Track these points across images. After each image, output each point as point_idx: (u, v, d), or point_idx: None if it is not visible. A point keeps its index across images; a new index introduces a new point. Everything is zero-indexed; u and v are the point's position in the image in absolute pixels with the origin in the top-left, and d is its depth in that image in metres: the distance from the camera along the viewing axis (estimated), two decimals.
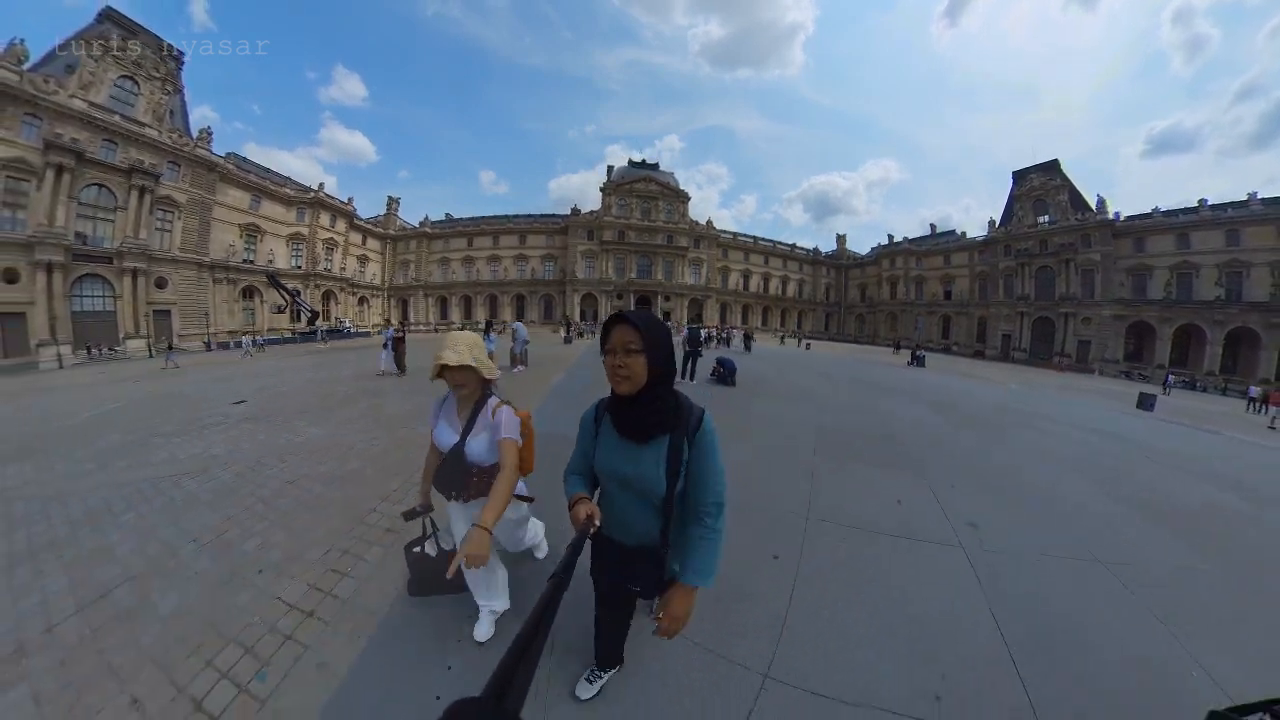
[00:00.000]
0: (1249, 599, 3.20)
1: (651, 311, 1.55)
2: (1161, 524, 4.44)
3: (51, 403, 11.01)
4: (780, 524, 3.81)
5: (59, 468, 5.34)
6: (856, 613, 2.75)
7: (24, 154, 25.66)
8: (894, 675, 2.28)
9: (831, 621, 2.66)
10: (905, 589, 3.00)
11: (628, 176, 56.47)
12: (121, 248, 29.18)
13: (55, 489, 4.62)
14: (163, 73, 33.10)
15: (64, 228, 26.88)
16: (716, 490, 1.52)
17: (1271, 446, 10.69)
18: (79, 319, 27.93)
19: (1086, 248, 42.73)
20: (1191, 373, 36.83)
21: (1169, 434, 10.46)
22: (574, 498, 1.53)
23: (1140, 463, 7.02)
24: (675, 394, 1.55)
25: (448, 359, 1.99)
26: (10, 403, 11.18)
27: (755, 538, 3.51)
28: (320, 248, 45.90)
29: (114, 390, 12.52)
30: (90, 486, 4.66)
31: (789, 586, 2.95)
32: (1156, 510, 4.82)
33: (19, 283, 25.87)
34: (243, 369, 17.12)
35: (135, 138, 30.39)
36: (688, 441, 1.51)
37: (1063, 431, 8.94)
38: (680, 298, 56.19)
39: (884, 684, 2.23)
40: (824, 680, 2.24)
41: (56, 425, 7.86)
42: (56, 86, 27.28)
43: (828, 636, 2.53)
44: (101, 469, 5.23)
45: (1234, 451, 9.26)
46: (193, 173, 33.79)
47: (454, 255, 57.59)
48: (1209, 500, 5.40)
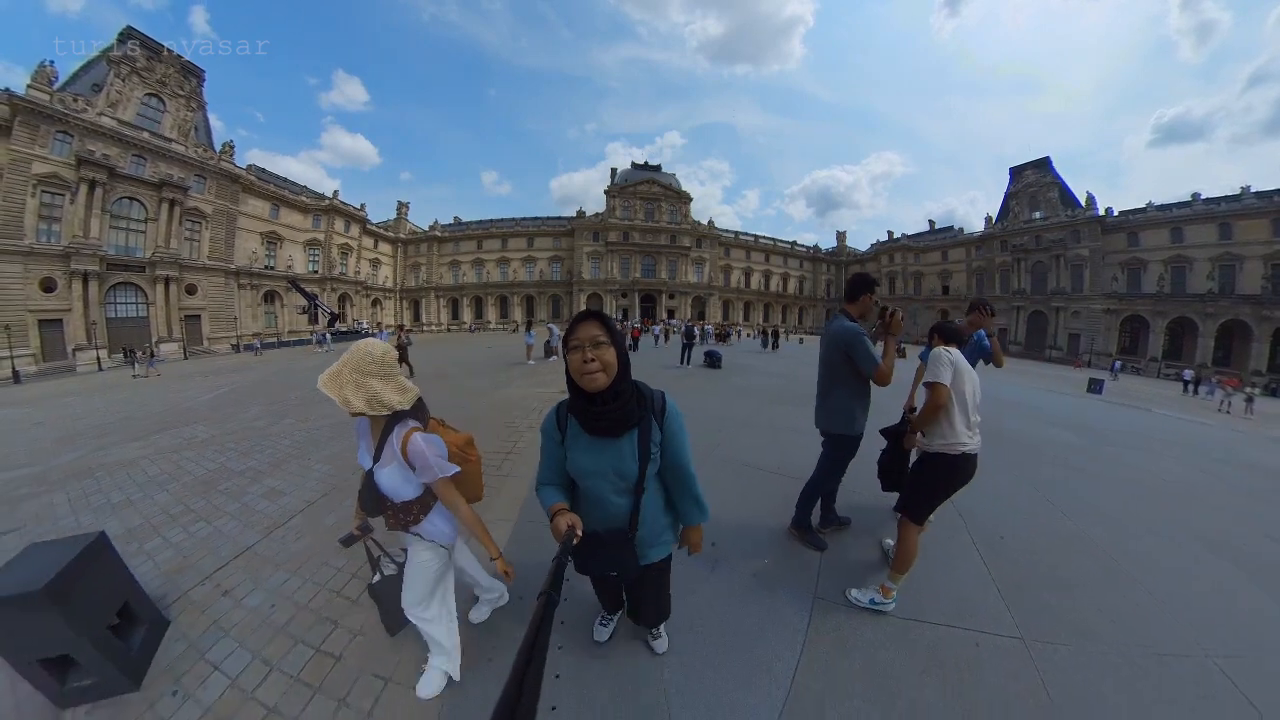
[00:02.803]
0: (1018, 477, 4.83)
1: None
2: (1001, 445, 6.43)
3: (154, 393, 13.19)
4: (727, 426, 7.00)
5: (234, 423, 8.08)
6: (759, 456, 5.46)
7: (58, 170, 27.23)
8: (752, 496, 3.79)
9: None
10: (785, 450, 5.57)
11: (631, 179, 57.75)
12: (154, 257, 30.78)
13: (268, 430, 7.39)
14: (186, 90, 34.59)
15: (98, 239, 28.48)
16: (686, 457, 1.72)
17: (1157, 412, 13.12)
18: (114, 325, 29.54)
19: (1075, 243, 43.62)
20: (1138, 359, 38.35)
21: (1062, 403, 12.61)
22: (553, 509, 1.50)
23: (1008, 414, 9.53)
24: (636, 385, 1.63)
25: (321, 385, 1.72)
26: (133, 393, 13.56)
27: (715, 436, 6.27)
28: (336, 252, 47.51)
29: (203, 382, 15.02)
30: (287, 430, 7.40)
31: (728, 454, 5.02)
32: (1002, 439, 6.94)
33: (56, 291, 27.46)
34: (225, 373, 18.55)
35: (163, 153, 31.94)
36: (657, 425, 1.63)
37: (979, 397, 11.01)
38: (684, 296, 57.54)
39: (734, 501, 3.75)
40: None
41: (188, 405, 10.56)
42: (85, 105, 28.79)
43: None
44: (277, 420, 8.13)
45: (1109, 411, 11.59)
46: (217, 185, 35.37)
47: (464, 258, 59.05)
48: (1050, 437, 7.60)
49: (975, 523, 3.94)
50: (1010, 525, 3.97)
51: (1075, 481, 5.31)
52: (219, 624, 2.75)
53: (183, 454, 6.34)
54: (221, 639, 2.62)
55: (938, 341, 2.89)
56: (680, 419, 1.68)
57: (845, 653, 2.44)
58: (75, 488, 5.17)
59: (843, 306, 3.28)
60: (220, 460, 5.98)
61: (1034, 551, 3.54)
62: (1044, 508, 4.46)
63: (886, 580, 2.73)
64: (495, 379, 12.20)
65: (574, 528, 1.35)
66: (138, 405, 11.15)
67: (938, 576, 3.10)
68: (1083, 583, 3.16)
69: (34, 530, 4.12)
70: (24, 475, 5.71)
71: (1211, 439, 9.18)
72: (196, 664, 2.46)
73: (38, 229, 26.42)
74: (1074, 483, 5.26)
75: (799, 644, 2.49)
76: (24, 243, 25.63)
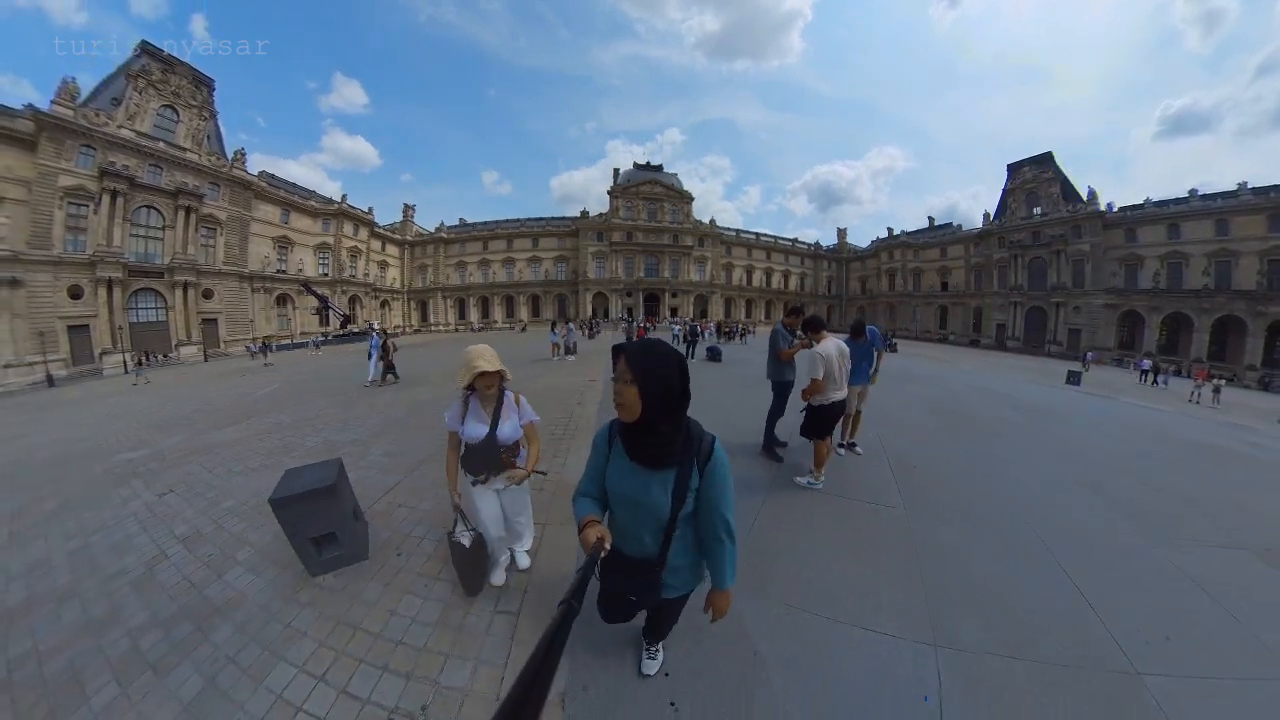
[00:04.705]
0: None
1: (659, 339, 1.62)
2: (955, 420, 7.97)
3: (215, 391, 14.42)
4: (725, 401, 8.84)
5: (309, 411, 9.32)
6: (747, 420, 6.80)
7: (83, 182, 28.43)
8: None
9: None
10: (762, 416, 6.14)
11: (634, 179, 58.53)
12: (172, 263, 32.02)
13: (345, 415, 8.72)
14: (198, 100, 35.72)
15: (120, 247, 29.71)
16: (727, 514, 1.61)
17: (1102, 396, 14.36)
18: (135, 329, 30.82)
19: (1077, 238, 43.89)
20: (1134, 354, 39.15)
21: (1032, 390, 13.74)
22: (584, 520, 1.50)
23: (972, 396, 10.80)
24: (686, 426, 1.57)
25: (485, 366, 2.55)
26: (175, 393, 14.88)
27: (716, 409, 7.92)
28: (345, 255, 48.71)
29: (245, 381, 16.39)
30: (362, 415, 8.63)
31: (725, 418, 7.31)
32: (959, 417, 8.26)
33: (83, 298, 28.72)
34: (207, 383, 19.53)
35: (178, 161, 33.11)
36: (698, 470, 1.56)
37: (943, 383, 12.30)
38: (686, 294, 58.44)
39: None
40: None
41: (250, 399, 11.71)
42: (106, 119, 29.95)
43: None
44: (348, 409, 9.33)
45: (1073, 399, 12.65)
46: (231, 192, 36.57)
47: (470, 259, 60.09)
48: (1001, 415, 8.74)
49: (897, 459, 5.61)
50: (924, 462, 5.54)
51: (998, 443, 6.69)
52: (406, 519, 4.19)
53: (283, 434, 7.49)
54: (418, 525, 4.10)
55: (817, 337, 4.66)
56: (725, 468, 1.61)
57: (789, 509, 4.27)
58: (205, 460, 6.35)
59: (786, 320, 5.47)
60: (323, 435, 7.21)
61: (934, 475, 5.17)
62: (959, 456, 5.87)
63: (814, 471, 4.72)
64: (528, 372, 13.77)
65: (603, 540, 1.35)
66: (202, 401, 12.19)
67: (859, 480, 4.94)
68: (962, 493, 4.71)
69: (183, 492, 5.26)
70: (143, 455, 6.87)
71: (1154, 421, 9.87)
72: (404, 541, 3.84)
73: (64, 239, 27.68)
74: (996, 443, 6.64)
75: (758, 506, 4.29)
76: (53, 252, 26.91)
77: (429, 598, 3.11)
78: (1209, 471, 6.00)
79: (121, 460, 6.67)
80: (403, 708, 2.30)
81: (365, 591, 3.19)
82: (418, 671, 2.51)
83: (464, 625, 2.84)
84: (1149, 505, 4.66)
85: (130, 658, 2.67)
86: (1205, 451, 7.08)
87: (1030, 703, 2.26)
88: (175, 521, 4.44)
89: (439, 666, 2.54)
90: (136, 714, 2.29)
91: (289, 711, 2.29)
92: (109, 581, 3.49)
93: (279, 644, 2.73)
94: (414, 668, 2.53)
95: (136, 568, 3.66)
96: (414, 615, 2.94)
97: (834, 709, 2.23)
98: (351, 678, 2.48)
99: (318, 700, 2.35)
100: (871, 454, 5.69)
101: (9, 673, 2.61)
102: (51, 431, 9.98)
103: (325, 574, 3.36)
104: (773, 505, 4.29)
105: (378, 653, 2.64)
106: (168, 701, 2.36)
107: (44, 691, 2.46)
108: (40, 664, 2.67)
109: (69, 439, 8.82)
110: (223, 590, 3.30)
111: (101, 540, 4.16)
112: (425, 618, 2.91)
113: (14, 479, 6.30)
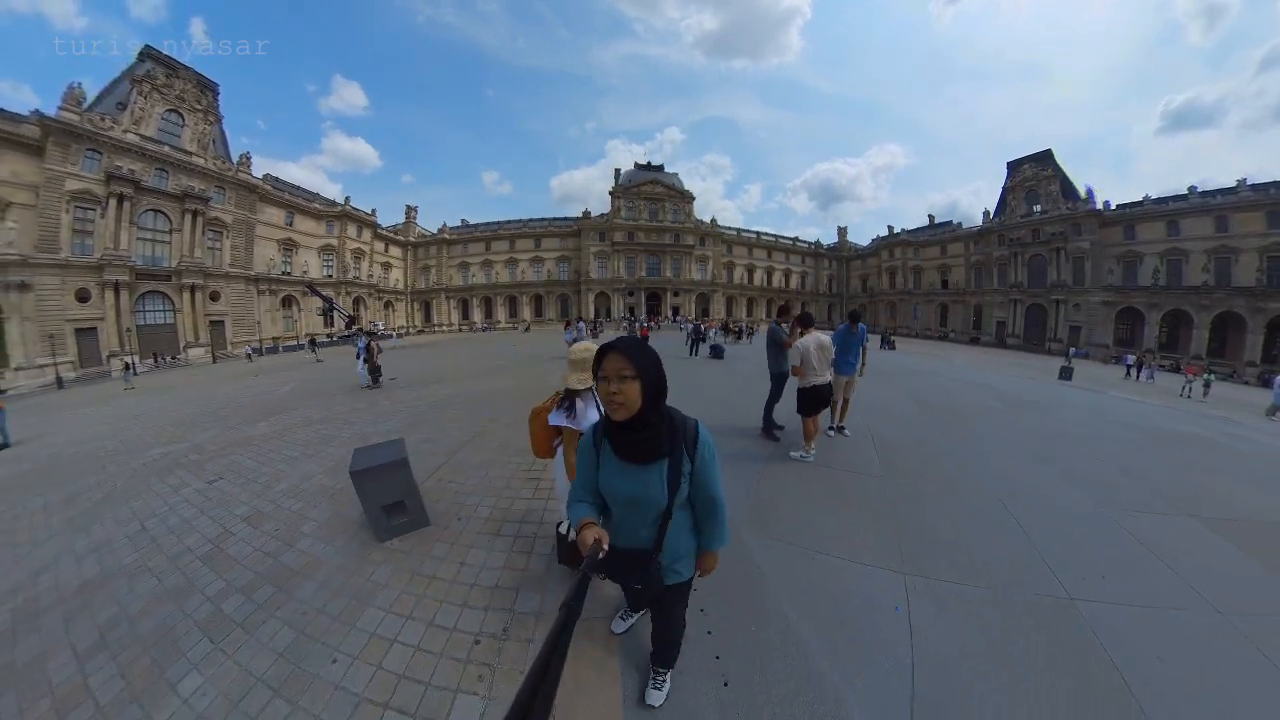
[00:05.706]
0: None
1: (639, 338, 1.67)
2: (940, 408, 8.44)
3: (239, 389, 14.73)
4: (729, 396, 9.30)
5: (340, 407, 9.68)
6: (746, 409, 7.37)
7: (90, 186, 28.69)
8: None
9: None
10: (760, 405, 6.54)
11: (635, 180, 58.76)
12: (179, 266, 32.30)
13: (374, 410, 9.11)
14: (203, 104, 35.97)
15: (127, 250, 29.98)
16: (717, 490, 1.74)
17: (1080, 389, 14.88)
18: (144, 331, 31.11)
19: (1076, 236, 44.01)
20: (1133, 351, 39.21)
21: (1021, 384, 14.05)
22: (581, 523, 1.52)
23: (959, 389, 11.09)
24: (669, 415, 1.65)
25: (586, 382, 2.64)
26: (192, 393, 15.10)
27: (720, 403, 8.51)
28: (349, 257, 49.01)
29: (263, 380, 16.85)
30: (390, 410, 8.97)
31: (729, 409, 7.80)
32: (945, 406, 8.71)
33: (90, 301, 29.00)
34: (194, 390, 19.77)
35: (184, 165, 33.38)
36: (688, 455, 1.65)
37: (934, 377, 12.81)
38: (688, 293, 58.71)
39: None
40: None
41: (271, 397, 12.10)
42: (112, 123, 30.20)
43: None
44: (373, 406, 9.60)
45: (1058, 391, 13.11)
46: (236, 195, 36.86)
47: (473, 260, 60.36)
48: (983, 405, 9.15)
49: (881, 438, 6.23)
50: (904, 443, 6.12)
51: (976, 424, 7.26)
52: (459, 492, 4.68)
53: (313, 428, 7.78)
54: (470, 495, 4.58)
55: (803, 331, 5.33)
56: (712, 449, 1.70)
57: (784, 475, 4.90)
58: (245, 451, 6.65)
59: (777, 319, 6.42)
60: (356, 428, 7.51)
61: (912, 452, 5.78)
62: (936, 437, 6.45)
63: (805, 445, 5.36)
64: (548, 369, 14.22)
65: (600, 542, 1.37)
66: (224, 400, 12.48)
67: (845, 455, 5.56)
68: (935, 466, 5.30)
69: (232, 478, 5.60)
70: (182, 449, 7.17)
71: (1133, 411, 9.95)
72: (461, 508, 4.30)
73: (72, 243, 27.94)
74: (974, 425, 7.22)
75: (757, 473, 4.93)
76: (60, 256, 27.17)
77: (493, 549, 3.57)
78: (1178, 456, 6.27)
79: (157, 454, 6.97)
80: (486, 631, 2.70)
81: (434, 549, 3.61)
82: (494, 604, 2.92)
83: (528, 568, 3.30)
84: (1112, 480, 5.03)
85: (216, 619, 2.97)
86: (1180, 439, 7.23)
87: (977, 613, 2.78)
88: (233, 504, 4.78)
89: (512, 599, 2.96)
90: (234, 663, 2.56)
91: (385, 644, 2.63)
92: (177, 559, 3.78)
93: (364, 593, 3.11)
94: (490, 602, 2.94)
95: (201, 545, 3.95)
96: (482, 564, 3.38)
97: (824, 614, 2.78)
98: (435, 614, 2.86)
99: (410, 632, 2.71)
100: (858, 436, 6.31)
101: (101, 636, 2.87)
102: (71, 431, 10.28)
103: (392, 539, 3.76)
104: (770, 473, 4.96)
105: (455, 594, 3.05)
106: (262, 651, 2.64)
107: (142, 649, 2.72)
108: (132, 625, 2.95)
109: (93, 437, 9.12)
110: (298, 557, 3.65)
111: (158, 524, 4.45)
112: (492, 564, 3.36)
113: (53, 473, 6.59)
